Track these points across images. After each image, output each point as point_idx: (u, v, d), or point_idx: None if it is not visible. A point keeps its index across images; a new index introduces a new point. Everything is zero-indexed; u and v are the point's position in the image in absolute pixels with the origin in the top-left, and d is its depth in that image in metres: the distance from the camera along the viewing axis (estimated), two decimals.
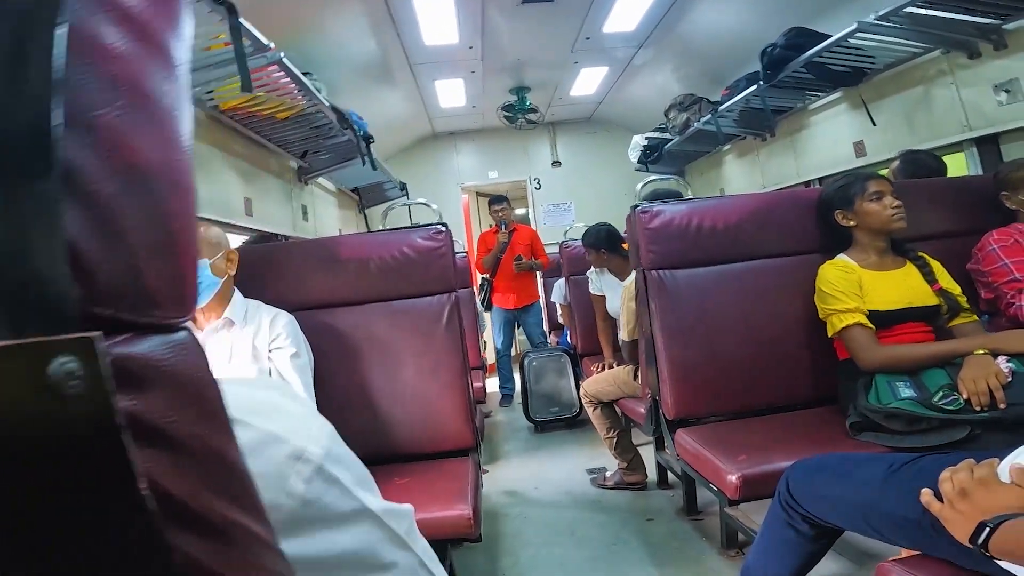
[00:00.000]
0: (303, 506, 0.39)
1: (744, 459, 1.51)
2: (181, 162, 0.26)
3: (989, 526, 0.78)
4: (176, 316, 0.25)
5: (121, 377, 0.21)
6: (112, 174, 0.22)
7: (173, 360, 0.24)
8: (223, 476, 0.26)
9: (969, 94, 2.53)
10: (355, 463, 0.46)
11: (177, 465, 0.23)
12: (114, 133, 0.22)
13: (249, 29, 1.96)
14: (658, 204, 1.96)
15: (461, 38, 3.92)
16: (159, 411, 0.22)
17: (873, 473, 1.06)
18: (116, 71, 0.22)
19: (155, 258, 0.24)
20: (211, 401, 0.26)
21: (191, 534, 0.23)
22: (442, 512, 1.45)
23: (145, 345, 0.23)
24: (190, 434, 0.24)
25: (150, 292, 0.23)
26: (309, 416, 0.43)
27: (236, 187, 2.86)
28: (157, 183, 0.24)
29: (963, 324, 1.68)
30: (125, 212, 0.22)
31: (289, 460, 0.39)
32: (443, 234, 1.89)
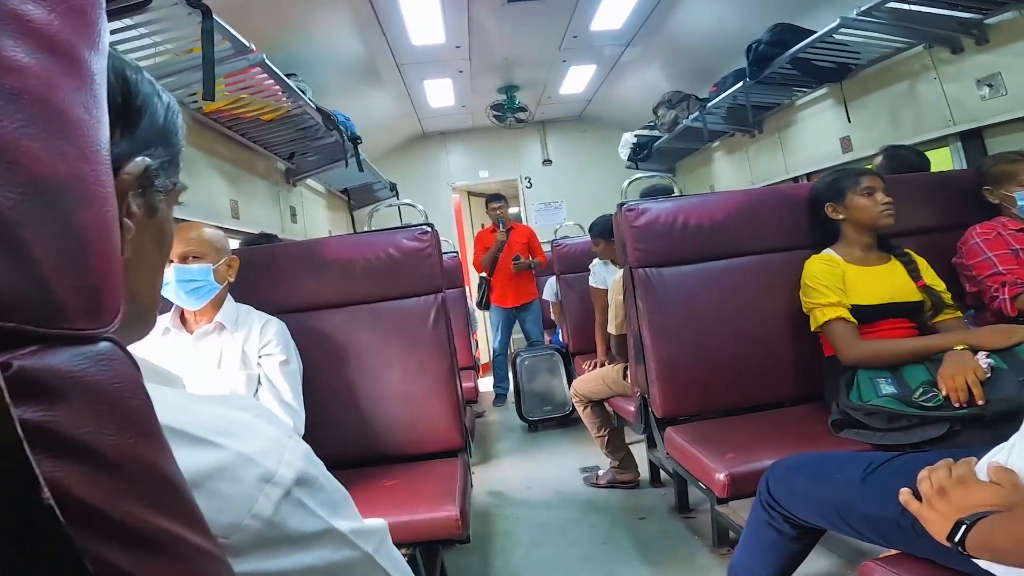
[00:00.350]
0: (268, 527, 0.39)
1: (732, 457, 1.51)
2: (96, 172, 0.26)
3: (966, 523, 0.78)
4: (93, 327, 0.24)
5: (24, 388, 0.21)
6: (11, 187, 0.21)
7: (90, 371, 0.23)
8: (149, 484, 0.25)
9: (952, 89, 2.55)
10: (329, 483, 0.46)
11: (91, 474, 0.22)
12: (12, 145, 0.22)
13: (230, 31, 1.95)
14: (644, 202, 1.96)
15: (448, 38, 3.91)
16: (70, 421, 0.22)
17: (851, 473, 1.06)
18: (16, 84, 0.22)
19: (64, 270, 0.23)
20: (137, 411, 0.26)
21: (112, 542, 0.23)
22: (429, 514, 1.45)
23: (56, 357, 0.22)
24: (109, 444, 0.23)
25: (59, 304, 0.23)
26: (283, 438, 0.43)
27: (221, 189, 2.85)
28: (66, 195, 0.24)
29: (946, 320, 1.69)
30: (26, 224, 0.22)
31: (259, 483, 0.39)
32: (429, 234, 1.88)
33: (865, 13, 2.33)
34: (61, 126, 0.24)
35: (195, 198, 2.55)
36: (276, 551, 0.40)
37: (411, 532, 1.44)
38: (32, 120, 0.22)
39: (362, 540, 0.47)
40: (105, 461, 0.23)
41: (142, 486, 0.25)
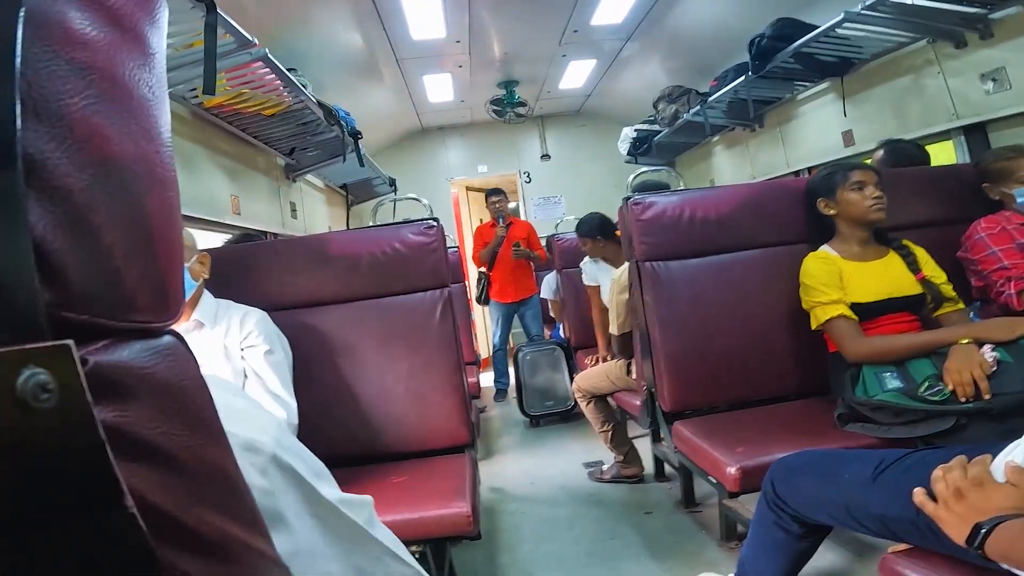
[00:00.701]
0: (263, 496, 0.38)
1: (742, 451, 1.51)
2: (160, 155, 0.24)
3: (984, 528, 0.78)
4: (160, 320, 0.23)
5: (101, 387, 0.19)
6: (83, 167, 0.20)
7: (159, 367, 0.22)
8: (218, 488, 0.25)
9: (956, 83, 2.54)
10: (308, 455, 0.45)
11: (167, 478, 0.21)
12: (84, 123, 0.20)
13: (233, 25, 1.93)
14: (650, 195, 1.95)
15: (448, 32, 3.89)
16: (145, 422, 0.21)
17: (860, 472, 1.05)
18: (84, 58, 0.21)
19: (133, 258, 0.22)
20: (202, 409, 0.25)
21: (185, 551, 0.21)
22: (441, 510, 1.44)
23: (127, 352, 0.21)
24: (180, 445, 0.22)
25: (129, 295, 0.22)
26: (254, 409, 0.43)
27: (222, 185, 2.83)
28: (134, 177, 0.23)
29: (949, 313, 1.68)
30: (98, 208, 0.20)
31: (241, 451, 0.38)
32: (435, 229, 1.87)
33: (869, 7, 2.32)
34: (128, 104, 0.23)
35: (195, 194, 2.53)
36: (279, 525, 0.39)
37: (422, 529, 1.43)
38: (101, 97, 0.21)
39: (351, 511, 0.46)
40: (177, 464, 0.22)
41: (212, 491, 0.24)
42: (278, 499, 0.40)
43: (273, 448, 0.40)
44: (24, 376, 0.17)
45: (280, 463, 0.40)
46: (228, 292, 1.69)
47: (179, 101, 2.45)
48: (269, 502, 0.39)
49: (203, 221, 2.58)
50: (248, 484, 0.37)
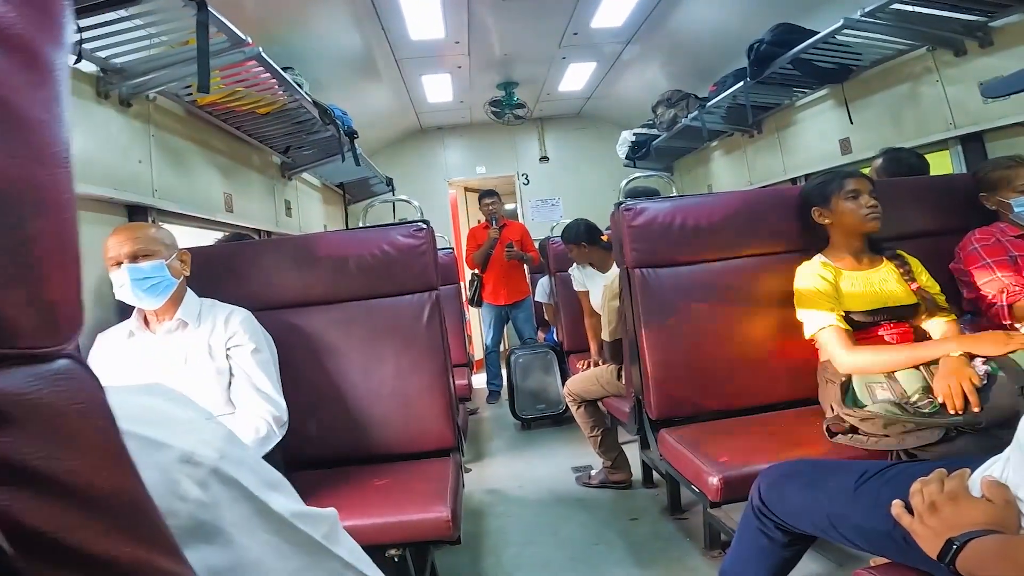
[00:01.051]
0: (201, 509, 0.37)
1: (726, 461, 1.50)
2: (53, 177, 0.23)
3: (956, 544, 0.77)
4: (50, 344, 0.22)
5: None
6: None
7: (43, 391, 0.22)
8: (111, 509, 0.24)
9: (955, 91, 2.53)
10: (260, 466, 0.44)
11: (47, 502, 0.21)
12: None
13: (226, 24, 1.92)
14: (642, 202, 1.94)
15: (447, 32, 3.87)
16: (23, 447, 0.21)
17: (843, 482, 1.05)
18: None
19: (15, 284, 0.21)
20: (99, 432, 0.24)
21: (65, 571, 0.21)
22: (420, 514, 1.44)
23: (6, 379, 0.21)
24: (65, 469, 0.22)
25: (10, 322, 0.21)
26: (199, 421, 0.41)
27: (215, 183, 2.82)
28: (17, 203, 0.22)
29: (941, 324, 1.67)
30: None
31: (176, 464, 0.37)
32: (424, 231, 1.86)
33: (869, 14, 2.31)
34: (13, 126, 0.22)
35: (189, 191, 2.52)
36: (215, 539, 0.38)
37: (402, 533, 1.42)
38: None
39: (307, 525, 0.45)
40: (60, 487, 0.22)
41: (103, 511, 0.23)
42: (219, 512, 0.39)
43: (215, 461, 0.39)
44: None
45: (222, 476, 0.39)
46: (214, 291, 1.69)
47: (172, 99, 2.44)
48: (207, 515, 0.38)
49: (196, 219, 2.57)
50: (182, 496, 0.36)
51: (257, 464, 0.44)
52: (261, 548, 0.41)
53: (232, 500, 0.40)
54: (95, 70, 1.97)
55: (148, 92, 2.19)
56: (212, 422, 0.42)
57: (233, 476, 0.40)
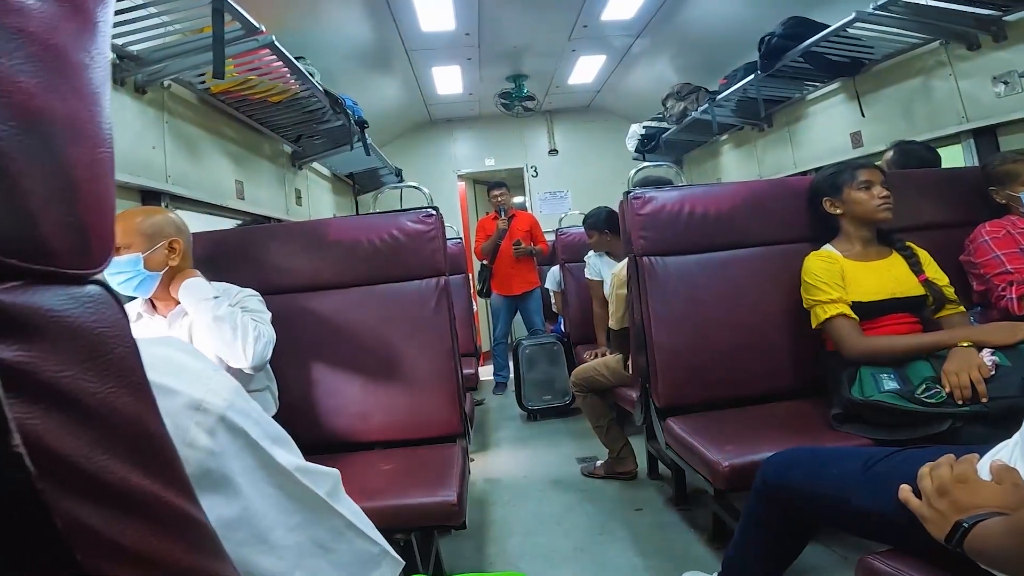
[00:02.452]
0: (210, 457, 0.38)
1: (733, 449, 1.50)
2: (92, 113, 0.25)
3: (965, 525, 0.77)
4: (81, 267, 0.24)
5: (4, 324, 0.20)
6: (3, 119, 0.21)
7: (74, 313, 0.23)
8: (129, 438, 0.24)
9: (967, 85, 2.51)
10: (265, 420, 0.45)
11: (68, 424, 0.21)
12: (7, 81, 0.21)
13: (240, 12, 1.93)
14: (650, 191, 1.94)
15: (458, 24, 3.88)
16: (49, 364, 0.21)
17: (849, 468, 1.05)
18: (16, 23, 0.22)
19: (53, 205, 0.23)
20: (121, 359, 0.25)
21: (81, 498, 0.21)
22: (426, 498, 1.44)
23: (38, 295, 0.22)
24: (87, 391, 0.22)
25: (46, 240, 0.22)
26: (210, 371, 0.42)
27: (227, 170, 2.84)
28: (59, 131, 0.23)
29: (950, 315, 1.67)
30: (16, 157, 0.21)
31: (186, 410, 0.38)
32: (433, 217, 1.87)
33: (881, 8, 2.30)
34: (59, 66, 0.24)
35: (200, 178, 2.54)
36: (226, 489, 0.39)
37: (408, 517, 1.43)
38: (30, 59, 0.22)
39: (311, 480, 0.46)
40: (83, 410, 0.22)
41: (121, 440, 0.24)
42: (226, 462, 0.40)
43: (223, 410, 0.40)
44: None
45: (230, 425, 0.40)
46: (225, 275, 1.70)
47: (186, 86, 2.46)
48: (215, 463, 0.39)
49: (207, 205, 2.59)
50: (191, 443, 0.37)
51: (261, 417, 0.45)
52: (265, 500, 0.42)
53: (239, 450, 0.41)
54: (111, 57, 1.99)
55: (163, 79, 2.22)
56: (220, 373, 0.43)
57: (240, 426, 0.41)
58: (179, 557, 0.26)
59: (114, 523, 0.23)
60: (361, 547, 0.50)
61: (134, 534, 0.24)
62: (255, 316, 1.55)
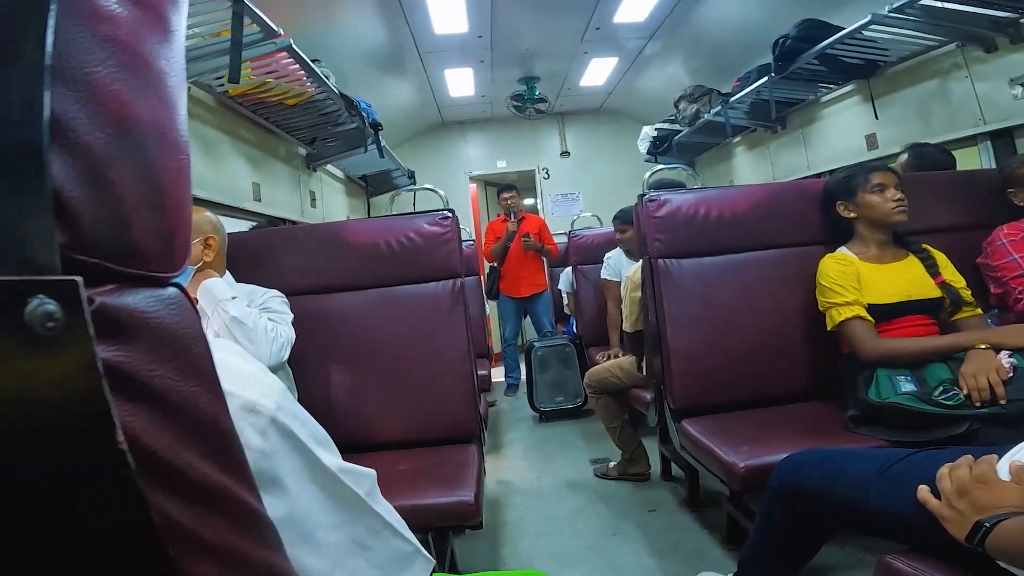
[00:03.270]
0: (262, 459, 0.39)
1: (748, 450, 1.50)
2: (173, 121, 0.26)
3: (986, 525, 0.77)
4: (165, 271, 0.25)
5: (104, 326, 0.21)
6: (102, 127, 0.22)
7: (160, 314, 0.24)
8: (208, 437, 0.26)
9: (984, 88, 2.50)
10: (310, 421, 0.46)
11: (158, 420, 0.22)
12: (105, 89, 0.22)
13: (259, 15, 1.96)
14: (665, 193, 1.95)
15: (471, 27, 3.90)
16: (142, 364, 0.22)
17: (866, 469, 1.05)
18: (109, 32, 0.23)
19: (143, 210, 0.24)
20: (199, 358, 0.26)
21: (170, 493, 0.22)
22: (444, 498, 1.44)
23: (131, 297, 0.23)
24: (174, 389, 0.24)
25: (137, 244, 0.23)
26: (259, 373, 0.44)
27: (244, 172, 2.87)
28: (147, 138, 0.24)
29: (967, 318, 1.66)
30: (114, 163, 0.22)
31: (241, 412, 0.39)
32: (449, 220, 1.88)
33: (897, 10, 2.29)
34: (146, 74, 0.25)
35: (218, 180, 2.58)
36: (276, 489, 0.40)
37: (425, 517, 1.43)
38: (122, 66, 0.23)
39: (352, 480, 0.47)
40: (171, 408, 0.23)
41: (203, 438, 0.25)
42: (276, 462, 0.41)
43: (274, 412, 0.41)
44: (32, 304, 0.19)
45: (280, 426, 0.41)
46: (244, 276, 1.72)
47: (205, 89, 2.50)
48: (267, 464, 0.40)
49: (224, 207, 2.62)
50: (245, 443, 0.39)
51: (307, 418, 0.46)
52: (311, 500, 0.43)
53: (288, 451, 0.42)
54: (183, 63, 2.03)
55: None
56: (268, 375, 0.45)
57: (289, 427, 0.42)
58: (251, 552, 0.27)
59: (199, 519, 0.24)
60: (397, 546, 0.51)
61: (216, 529, 0.25)
62: (274, 316, 1.57)
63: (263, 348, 1.48)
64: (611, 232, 3.76)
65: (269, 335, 1.50)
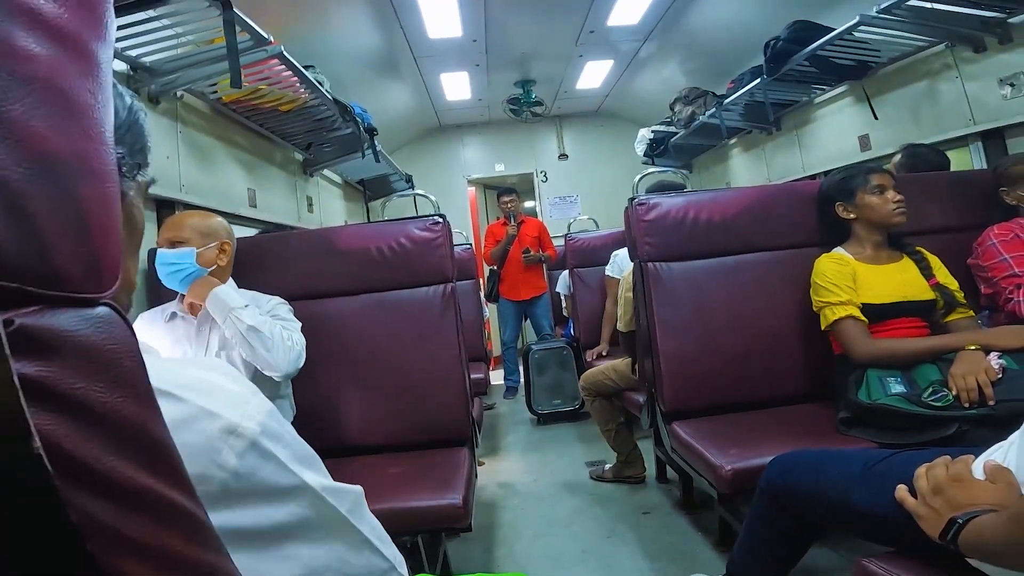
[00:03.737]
0: (235, 478, 0.40)
1: (736, 453, 1.51)
2: (98, 151, 0.27)
3: (959, 521, 0.78)
4: (92, 291, 0.26)
5: (25, 344, 0.22)
6: (19, 162, 0.23)
7: (85, 332, 0.25)
8: (137, 442, 0.27)
9: (974, 88, 2.51)
10: (296, 441, 0.47)
11: (83, 429, 0.24)
12: (22, 125, 0.23)
13: (249, 23, 1.97)
14: (655, 196, 1.96)
15: (465, 31, 3.92)
16: (66, 378, 0.24)
17: (850, 469, 1.06)
18: (27, 71, 0.24)
19: (66, 239, 0.25)
20: (129, 371, 0.27)
21: (93, 495, 0.24)
22: (433, 501, 1.46)
23: (54, 318, 0.24)
24: (98, 400, 0.25)
25: (59, 270, 0.24)
26: (247, 395, 0.45)
27: (239, 178, 2.89)
28: (68, 170, 0.25)
29: (959, 320, 1.66)
30: (32, 196, 0.23)
31: (222, 434, 0.41)
32: (440, 225, 1.89)
33: (885, 11, 2.30)
34: (66, 108, 0.26)
35: (213, 186, 2.59)
36: (244, 504, 0.41)
37: (414, 519, 1.44)
38: (40, 103, 0.24)
39: (334, 498, 0.48)
40: (95, 417, 0.24)
41: (129, 444, 0.26)
42: (252, 482, 0.42)
43: (256, 435, 0.42)
44: None
45: (260, 449, 0.43)
46: (239, 281, 1.74)
47: (198, 96, 2.51)
48: (239, 484, 0.41)
49: (220, 213, 2.62)
50: (221, 464, 0.40)
51: (293, 439, 0.47)
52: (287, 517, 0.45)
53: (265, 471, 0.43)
54: (125, 68, 2.05)
55: (176, 90, 2.26)
56: (258, 396, 0.46)
57: (271, 450, 0.44)
58: (180, 549, 0.28)
59: (122, 518, 0.25)
60: (375, 563, 0.52)
61: (140, 528, 0.26)
62: (286, 325, 1.60)
63: (280, 356, 1.51)
64: (608, 235, 3.77)
65: (286, 343, 1.53)
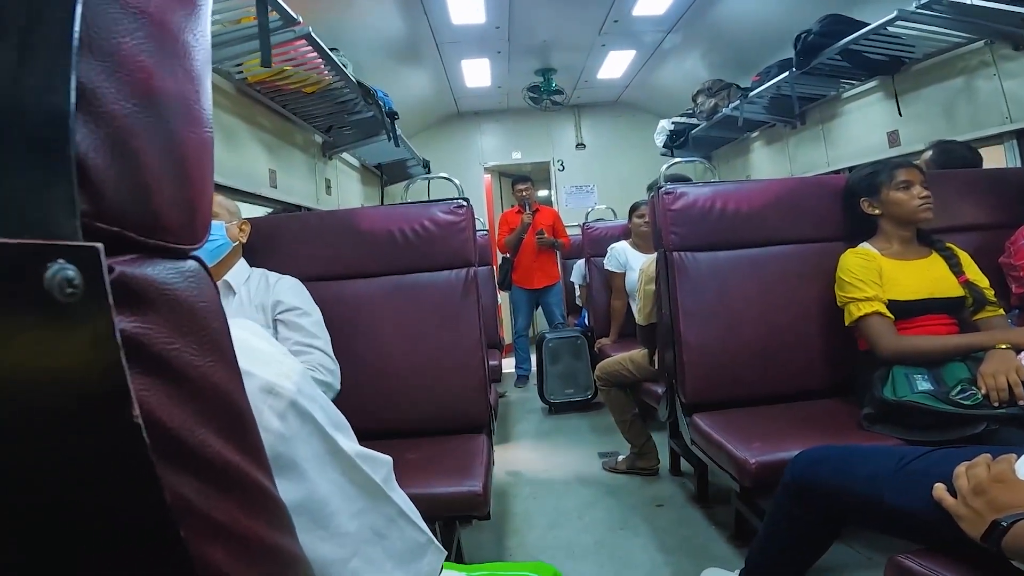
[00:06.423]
0: (280, 442, 0.39)
1: (760, 446, 1.49)
2: (198, 93, 0.26)
3: (1003, 524, 0.76)
4: (186, 242, 0.24)
5: (124, 296, 0.20)
6: (127, 97, 0.22)
7: (180, 287, 0.23)
8: (223, 414, 0.25)
9: (1012, 86, 2.45)
10: (329, 406, 0.45)
11: (174, 396, 0.22)
12: (132, 60, 0.22)
13: (279, 3, 1.97)
14: (682, 186, 1.93)
15: (489, 18, 3.89)
16: (161, 337, 0.22)
17: (882, 466, 1.04)
18: (138, 3, 0.23)
19: (166, 182, 0.23)
20: (217, 333, 0.25)
21: (183, 471, 0.22)
22: (452, 488, 1.44)
23: (151, 268, 0.22)
24: (191, 364, 0.23)
25: (159, 215, 0.23)
26: (279, 355, 0.43)
27: (261, 159, 2.89)
28: (172, 110, 0.24)
29: (989, 318, 1.63)
30: (138, 133, 0.22)
31: (260, 393, 0.39)
32: (464, 208, 1.88)
33: (925, 6, 2.25)
34: (173, 47, 0.25)
35: (236, 166, 2.59)
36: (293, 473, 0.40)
37: (433, 506, 1.42)
38: (150, 38, 0.23)
39: (369, 466, 0.46)
40: (187, 384, 0.23)
41: (218, 416, 0.24)
42: (295, 446, 0.40)
43: (293, 394, 0.41)
44: (52, 269, 0.18)
45: (299, 409, 0.41)
46: (260, 261, 1.74)
47: (224, 76, 2.51)
48: (284, 448, 0.40)
49: (241, 192, 2.64)
50: (263, 426, 0.38)
51: (325, 403, 0.46)
52: (329, 487, 0.43)
53: (307, 435, 0.42)
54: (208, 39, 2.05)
55: None
56: (289, 357, 0.44)
57: (309, 411, 0.42)
58: (263, 535, 0.27)
59: (211, 499, 0.23)
60: (411, 535, 0.50)
61: (228, 511, 0.24)
62: (305, 340, 1.56)
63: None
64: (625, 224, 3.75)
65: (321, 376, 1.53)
